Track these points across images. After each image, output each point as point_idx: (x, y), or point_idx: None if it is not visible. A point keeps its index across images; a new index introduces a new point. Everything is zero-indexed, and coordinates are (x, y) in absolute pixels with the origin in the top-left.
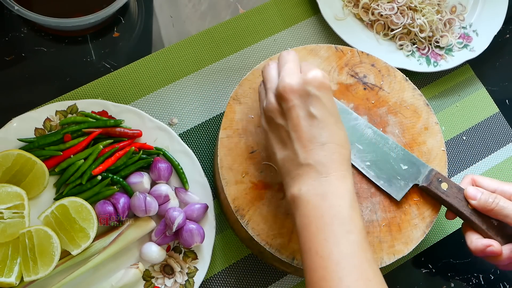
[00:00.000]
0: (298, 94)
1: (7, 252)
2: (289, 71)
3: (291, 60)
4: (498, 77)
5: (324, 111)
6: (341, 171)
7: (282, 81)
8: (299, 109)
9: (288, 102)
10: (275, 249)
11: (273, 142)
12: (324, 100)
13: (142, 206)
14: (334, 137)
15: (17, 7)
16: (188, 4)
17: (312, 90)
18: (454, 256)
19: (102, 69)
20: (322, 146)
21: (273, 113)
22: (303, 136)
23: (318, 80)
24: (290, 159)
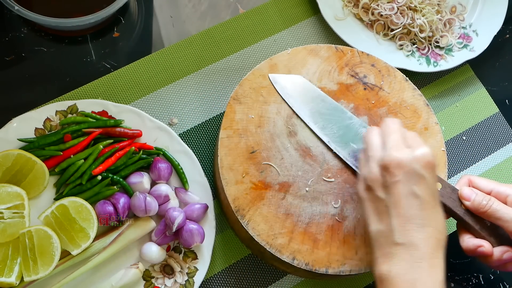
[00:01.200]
0: (404, 171)
1: (7, 252)
2: (396, 144)
3: (397, 131)
4: (498, 77)
5: (428, 193)
6: (435, 259)
7: (390, 154)
8: (403, 186)
9: (393, 177)
10: (275, 249)
11: (369, 212)
12: (430, 181)
13: (142, 206)
14: (433, 221)
15: (17, 7)
16: (188, 4)
17: (419, 169)
18: (454, 256)
19: (102, 69)
20: (420, 228)
21: (374, 184)
22: (402, 214)
23: (426, 159)
24: (384, 235)
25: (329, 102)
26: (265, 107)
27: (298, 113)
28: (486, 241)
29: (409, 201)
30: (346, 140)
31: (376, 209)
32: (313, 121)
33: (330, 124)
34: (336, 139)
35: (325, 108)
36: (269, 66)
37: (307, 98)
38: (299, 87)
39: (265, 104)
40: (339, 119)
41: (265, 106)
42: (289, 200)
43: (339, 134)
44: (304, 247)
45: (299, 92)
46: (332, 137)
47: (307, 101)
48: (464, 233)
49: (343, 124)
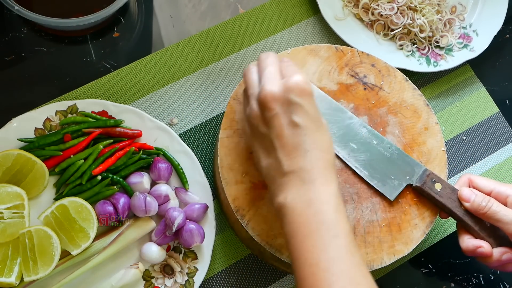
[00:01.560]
0: (280, 102)
1: (7, 252)
2: (269, 77)
3: (271, 64)
4: (498, 77)
5: (307, 118)
6: (325, 176)
7: (263, 89)
8: (282, 118)
9: (271, 111)
10: (275, 249)
11: (257, 149)
12: (307, 107)
13: (142, 206)
14: (317, 144)
15: (17, 7)
16: (188, 4)
17: (294, 97)
18: (454, 256)
19: (102, 69)
20: (305, 153)
21: (256, 121)
22: (286, 145)
23: (299, 87)
24: (274, 167)
25: (329, 102)
26: None
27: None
28: (486, 242)
29: (290, 130)
30: (346, 140)
31: (262, 145)
32: None
33: (330, 124)
34: (335, 139)
35: (325, 108)
36: None
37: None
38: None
39: None
40: (339, 119)
41: None
42: None
43: (339, 134)
44: None
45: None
46: (333, 137)
47: None
48: (463, 234)
49: (343, 124)
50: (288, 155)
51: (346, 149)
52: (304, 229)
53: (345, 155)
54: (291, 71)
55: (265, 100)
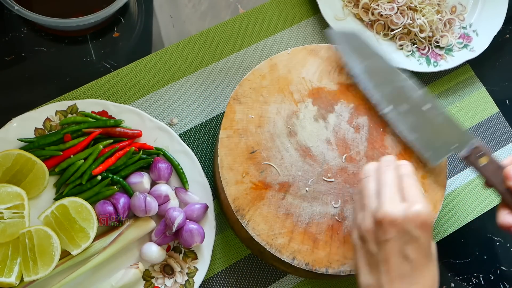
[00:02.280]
0: (397, 230)
1: (7, 252)
2: (390, 196)
3: (394, 179)
4: (498, 77)
5: (419, 253)
6: None
7: (382, 209)
8: (395, 245)
9: (385, 235)
10: (276, 249)
11: (360, 261)
12: (422, 240)
13: (142, 206)
14: (423, 280)
15: (17, 7)
16: (188, 4)
17: (413, 230)
18: (454, 256)
19: (102, 69)
20: (409, 286)
21: (367, 235)
22: (392, 272)
23: (421, 219)
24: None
25: (386, 61)
26: (265, 107)
27: (352, 70)
28: None
29: (400, 260)
30: (397, 101)
31: (367, 261)
32: (368, 78)
33: (384, 83)
34: (386, 100)
35: (381, 67)
36: (269, 66)
37: (364, 55)
38: (357, 43)
39: (265, 104)
40: (394, 80)
41: (265, 106)
42: (289, 200)
43: (391, 94)
44: (304, 247)
45: (356, 48)
46: (384, 97)
47: (363, 57)
48: (503, 208)
49: (397, 85)
50: (391, 282)
51: (396, 110)
52: None
53: (394, 116)
54: (413, 194)
55: (382, 222)
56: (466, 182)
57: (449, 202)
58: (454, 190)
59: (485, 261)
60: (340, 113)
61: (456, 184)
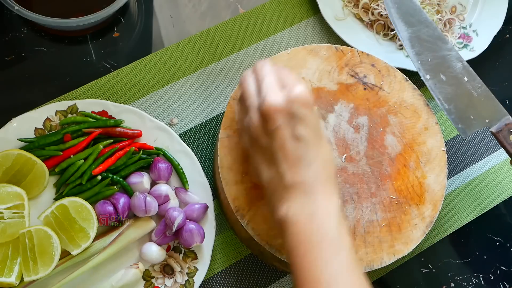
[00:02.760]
0: (283, 114)
1: (7, 252)
2: (270, 87)
3: (270, 73)
4: (498, 77)
5: (309, 131)
6: (328, 189)
7: (265, 100)
8: (285, 130)
9: (274, 123)
10: (275, 249)
11: (257, 160)
12: (309, 118)
13: (142, 206)
14: (320, 156)
15: (17, 7)
16: (188, 4)
17: (298, 109)
18: (454, 256)
19: (102, 69)
20: (308, 166)
21: (257, 132)
22: (289, 157)
23: (303, 98)
24: (276, 180)
25: (433, 29)
26: None
27: (398, 35)
28: None
29: (293, 143)
30: (437, 70)
31: (263, 157)
32: (410, 45)
33: (426, 51)
34: (427, 67)
35: (427, 35)
36: None
37: (412, 21)
38: (407, 8)
39: None
40: (437, 48)
41: None
42: None
43: (432, 62)
44: None
45: (406, 13)
46: (425, 64)
47: (410, 23)
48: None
49: (440, 54)
50: (290, 168)
51: (434, 79)
52: (305, 243)
53: (431, 84)
54: (291, 80)
55: (268, 112)
56: (466, 182)
57: (449, 202)
58: (454, 190)
59: (485, 261)
60: (340, 113)
61: (456, 184)
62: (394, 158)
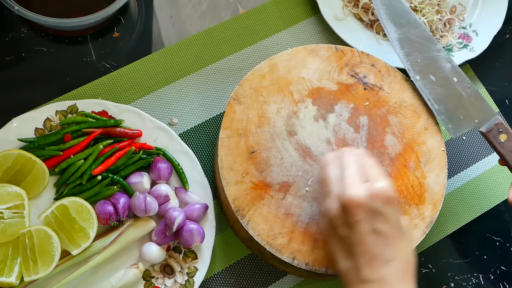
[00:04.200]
0: (364, 209)
1: (7, 252)
2: (353, 179)
3: (353, 163)
4: (498, 77)
5: (390, 227)
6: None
7: (347, 193)
8: (365, 225)
9: (354, 217)
10: (276, 249)
11: (335, 249)
12: (391, 215)
13: (142, 206)
14: (399, 254)
15: (17, 7)
16: (188, 4)
17: (380, 206)
18: (454, 256)
19: (102, 69)
20: (387, 263)
21: (336, 221)
22: (367, 252)
23: (385, 195)
24: (353, 272)
25: (422, 30)
26: (265, 107)
27: (388, 36)
28: None
29: (372, 238)
30: (427, 71)
31: (341, 247)
32: (400, 46)
33: (416, 52)
34: (416, 68)
35: (416, 36)
36: (269, 66)
37: (401, 22)
38: (396, 10)
39: (265, 104)
40: (427, 49)
41: (265, 106)
42: (289, 200)
43: (422, 63)
44: (304, 247)
45: (395, 14)
46: (414, 65)
47: (400, 24)
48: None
49: (429, 55)
50: (368, 262)
51: (424, 79)
52: None
53: (421, 85)
54: (375, 174)
55: (349, 205)
56: (466, 182)
57: (449, 202)
58: (454, 190)
59: (485, 261)
60: (340, 113)
61: (456, 184)
62: (394, 158)
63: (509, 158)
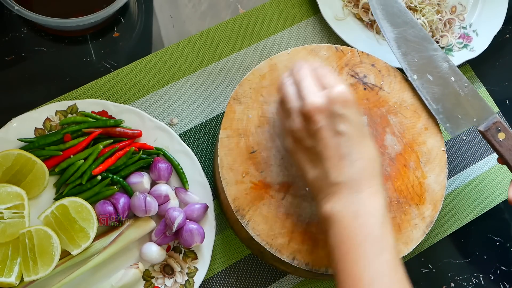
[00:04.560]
0: (325, 114)
1: (7, 252)
2: (309, 89)
3: (307, 74)
4: (498, 77)
5: (352, 128)
6: (374, 186)
7: (306, 102)
8: (327, 129)
9: (316, 124)
10: (276, 249)
11: (303, 162)
12: (351, 116)
13: (142, 206)
14: (364, 153)
15: (17, 7)
16: (188, 4)
17: (339, 109)
18: (454, 256)
19: (102, 69)
20: (352, 163)
21: (300, 134)
22: (333, 155)
23: (343, 97)
24: (321, 178)
25: (419, 30)
26: (265, 107)
27: (384, 35)
28: None
29: (336, 141)
30: (424, 70)
31: (308, 157)
32: (397, 46)
33: (412, 52)
34: (414, 68)
35: (413, 35)
36: (269, 66)
37: (397, 22)
38: (392, 9)
39: (265, 104)
40: (423, 49)
41: (265, 106)
42: (289, 200)
43: (419, 63)
44: (304, 247)
45: (391, 14)
46: (411, 65)
47: (396, 24)
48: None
49: (426, 54)
50: (335, 165)
51: (421, 79)
52: (349, 241)
53: (419, 84)
54: (330, 80)
55: (309, 114)
56: (466, 182)
57: (449, 202)
58: (454, 190)
59: (485, 261)
60: None
61: (456, 184)
62: (394, 158)
63: (508, 156)
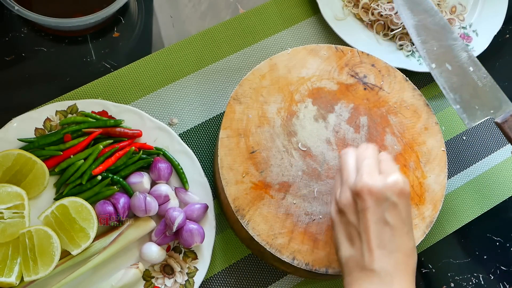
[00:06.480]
0: (376, 198)
1: (7, 252)
2: (369, 169)
3: (371, 156)
4: (498, 77)
5: (399, 220)
6: (404, 282)
7: (361, 180)
8: (374, 213)
9: (364, 203)
10: (276, 249)
11: (340, 236)
12: (401, 207)
13: (142, 206)
14: (403, 247)
15: (17, 7)
16: (188, 4)
17: (391, 197)
18: (454, 256)
19: (102, 69)
20: (389, 254)
21: (347, 208)
22: (372, 240)
23: (398, 187)
24: (355, 259)
25: (439, 19)
26: (265, 107)
27: (404, 23)
28: None
29: (379, 227)
30: (443, 59)
31: (347, 234)
32: (416, 34)
33: (432, 40)
34: (432, 56)
35: (433, 24)
36: (269, 66)
37: (418, 10)
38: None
39: (265, 104)
40: (443, 38)
41: (265, 106)
42: (289, 200)
43: (438, 51)
44: (304, 247)
45: (411, 1)
46: (430, 53)
47: (416, 12)
48: None
49: (445, 43)
50: (371, 251)
51: (440, 68)
52: None
53: (437, 73)
54: (390, 167)
55: (361, 191)
56: (466, 182)
57: (449, 202)
58: (454, 190)
59: (485, 261)
60: (340, 113)
61: (456, 184)
62: (394, 158)
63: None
